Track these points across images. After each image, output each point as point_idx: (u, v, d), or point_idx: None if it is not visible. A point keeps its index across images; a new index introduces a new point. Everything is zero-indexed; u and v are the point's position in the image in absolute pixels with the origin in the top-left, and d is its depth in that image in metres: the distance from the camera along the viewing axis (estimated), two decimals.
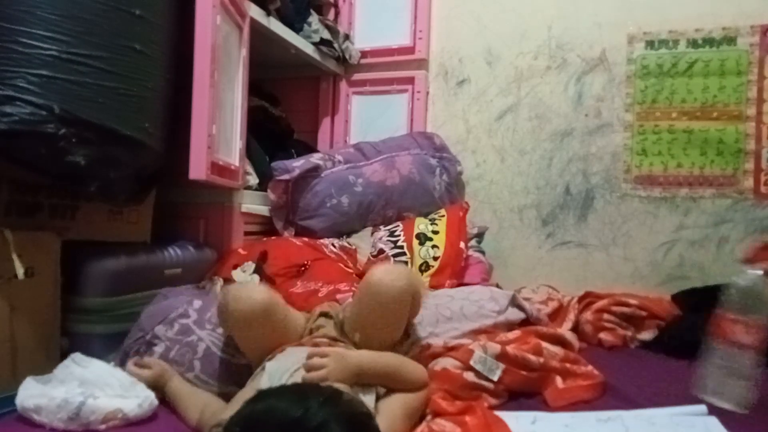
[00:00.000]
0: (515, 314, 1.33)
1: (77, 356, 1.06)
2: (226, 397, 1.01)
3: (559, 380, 1.10)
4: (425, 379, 1.02)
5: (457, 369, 1.07)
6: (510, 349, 1.10)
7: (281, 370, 0.91)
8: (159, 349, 1.16)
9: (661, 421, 0.94)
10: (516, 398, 1.08)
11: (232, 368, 1.11)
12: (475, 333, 1.23)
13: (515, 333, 1.22)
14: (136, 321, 1.24)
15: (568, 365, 1.13)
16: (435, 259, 1.70)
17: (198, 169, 1.35)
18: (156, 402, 0.98)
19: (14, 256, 1.06)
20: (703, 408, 0.98)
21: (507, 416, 0.98)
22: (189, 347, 1.14)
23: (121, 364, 1.14)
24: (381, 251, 1.74)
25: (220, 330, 1.16)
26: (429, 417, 0.98)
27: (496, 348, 1.10)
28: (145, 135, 1.22)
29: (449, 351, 1.14)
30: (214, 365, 1.12)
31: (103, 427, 0.92)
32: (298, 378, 0.88)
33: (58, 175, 1.13)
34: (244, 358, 1.10)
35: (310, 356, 0.92)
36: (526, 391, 1.09)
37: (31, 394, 0.95)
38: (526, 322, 1.35)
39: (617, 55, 1.95)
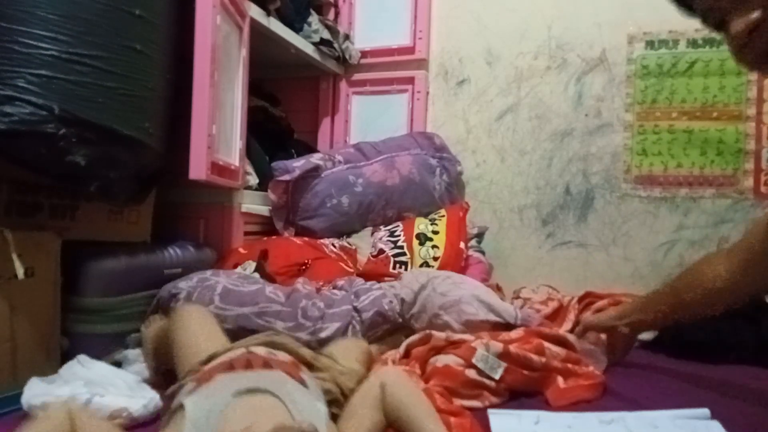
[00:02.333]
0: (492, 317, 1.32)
1: (82, 358, 1.05)
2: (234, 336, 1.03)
3: (560, 380, 1.10)
4: None
5: (459, 366, 1.07)
6: (512, 348, 1.10)
7: (204, 410, 0.68)
8: (182, 295, 1.24)
9: (663, 424, 0.93)
10: (517, 397, 1.08)
11: (245, 297, 1.25)
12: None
13: (518, 332, 1.22)
14: (136, 321, 1.26)
15: (569, 365, 1.13)
16: (435, 259, 1.70)
17: (198, 169, 1.35)
18: (160, 403, 0.98)
19: (14, 256, 1.06)
20: (706, 412, 0.97)
21: (509, 415, 0.98)
22: (209, 289, 1.25)
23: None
24: (381, 251, 1.74)
25: (234, 276, 1.31)
26: None
27: (498, 346, 1.10)
28: (145, 135, 1.22)
29: (451, 345, 1.14)
30: (230, 297, 1.24)
31: None
32: (230, 422, 0.65)
33: (58, 175, 1.13)
34: (255, 285, 1.28)
35: None
36: (527, 390, 1.09)
37: (37, 392, 0.95)
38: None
39: (617, 55, 1.95)
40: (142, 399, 0.95)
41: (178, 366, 0.93)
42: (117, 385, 0.96)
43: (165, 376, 1.05)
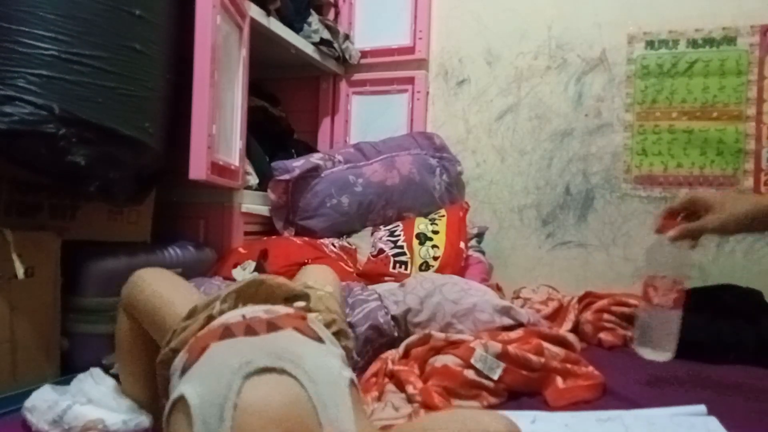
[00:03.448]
0: (507, 321, 1.33)
1: (95, 372, 1.02)
2: None
3: (559, 380, 1.10)
4: None
5: (457, 366, 1.07)
6: (511, 348, 1.10)
7: (213, 403, 0.57)
8: None
9: (660, 421, 0.93)
10: (516, 398, 1.08)
11: None
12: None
13: (517, 333, 1.22)
14: None
15: (569, 366, 1.13)
16: (435, 259, 1.70)
17: (198, 169, 1.35)
18: (146, 425, 0.92)
19: (14, 256, 1.06)
20: (702, 408, 0.98)
21: (509, 416, 0.98)
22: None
23: None
24: (381, 251, 1.74)
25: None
26: (417, 406, 0.98)
27: (497, 347, 1.10)
28: (145, 135, 1.22)
29: (450, 345, 1.14)
30: None
31: None
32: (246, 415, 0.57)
33: (58, 175, 1.13)
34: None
35: None
36: (526, 390, 1.09)
37: (37, 396, 0.94)
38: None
39: (617, 55, 1.95)
40: (125, 415, 0.91)
41: (157, 334, 0.82)
42: (112, 407, 0.93)
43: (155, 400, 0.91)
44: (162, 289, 0.86)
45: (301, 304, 0.80)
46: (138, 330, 0.89)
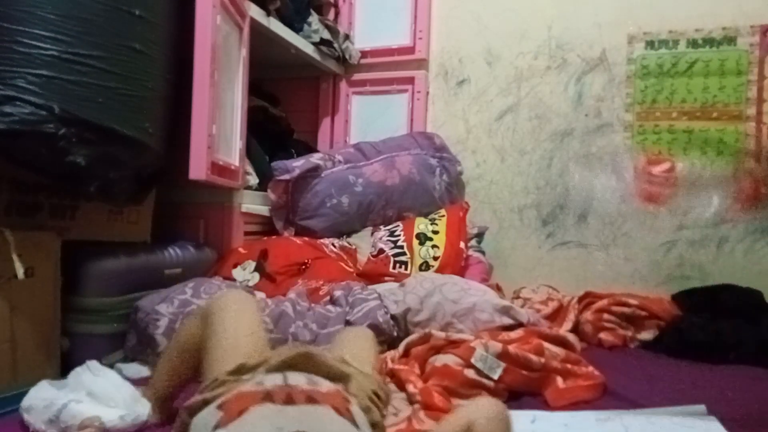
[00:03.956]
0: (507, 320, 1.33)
1: (92, 364, 1.02)
2: None
3: (559, 380, 1.10)
4: None
5: (458, 366, 1.07)
6: (512, 348, 1.10)
7: None
8: (162, 323, 1.18)
9: (660, 421, 0.94)
10: (516, 398, 1.08)
11: None
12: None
13: (518, 333, 1.23)
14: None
15: (569, 366, 1.13)
16: (435, 259, 1.70)
17: (198, 169, 1.35)
18: (143, 419, 0.92)
19: (14, 256, 1.06)
20: (702, 408, 0.98)
21: None
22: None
23: (131, 357, 1.19)
24: (381, 251, 1.74)
25: (216, 296, 1.20)
26: (417, 407, 0.98)
27: (497, 347, 1.10)
28: (145, 135, 1.22)
29: (450, 345, 1.14)
30: None
31: None
32: None
33: (58, 175, 1.13)
34: None
35: None
36: (526, 390, 1.09)
37: (33, 395, 0.94)
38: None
39: (617, 55, 1.95)
40: (122, 411, 0.91)
41: (206, 368, 0.82)
42: (114, 398, 0.93)
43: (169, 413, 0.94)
44: (234, 326, 0.84)
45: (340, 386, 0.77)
46: (201, 340, 0.87)
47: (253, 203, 1.72)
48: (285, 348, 0.81)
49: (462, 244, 1.75)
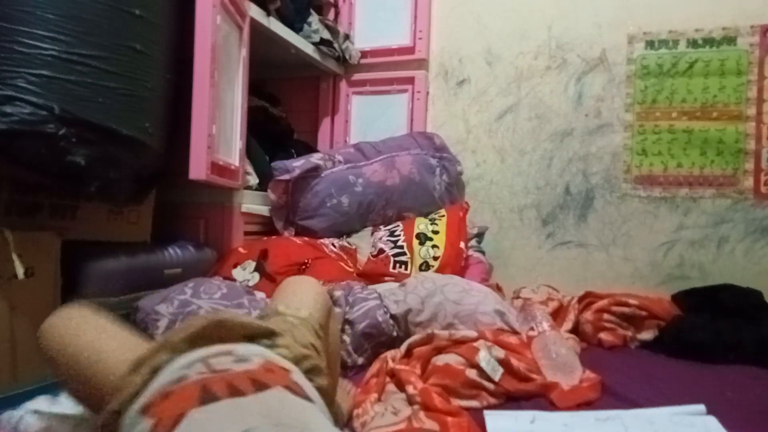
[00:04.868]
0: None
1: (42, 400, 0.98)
2: None
3: (563, 382, 1.10)
4: None
5: (460, 365, 1.07)
6: (513, 361, 1.10)
7: None
8: (162, 323, 1.18)
9: (660, 421, 0.94)
10: (516, 399, 1.07)
11: None
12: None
13: (517, 338, 1.23)
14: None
15: None
16: (435, 258, 1.70)
17: (198, 169, 1.35)
18: None
19: (14, 256, 1.06)
20: (701, 408, 0.98)
21: (505, 415, 0.98)
22: (191, 315, 1.19)
23: None
24: (381, 251, 1.74)
25: (216, 296, 1.22)
26: (417, 407, 0.98)
27: (500, 353, 1.11)
28: (145, 135, 1.23)
29: (454, 345, 1.14)
30: None
31: None
32: None
33: (58, 175, 1.13)
34: (240, 310, 1.15)
35: None
36: (524, 397, 1.09)
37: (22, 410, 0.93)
38: None
39: (617, 55, 1.95)
40: (76, 425, 0.86)
41: (90, 394, 0.67)
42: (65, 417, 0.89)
43: None
44: (91, 336, 0.69)
45: (266, 343, 0.69)
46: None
47: (253, 203, 1.72)
48: (187, 323, 0.69)
49: (462, 244, 1.75)
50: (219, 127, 1.43)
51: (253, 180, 1.75)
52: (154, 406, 0.55)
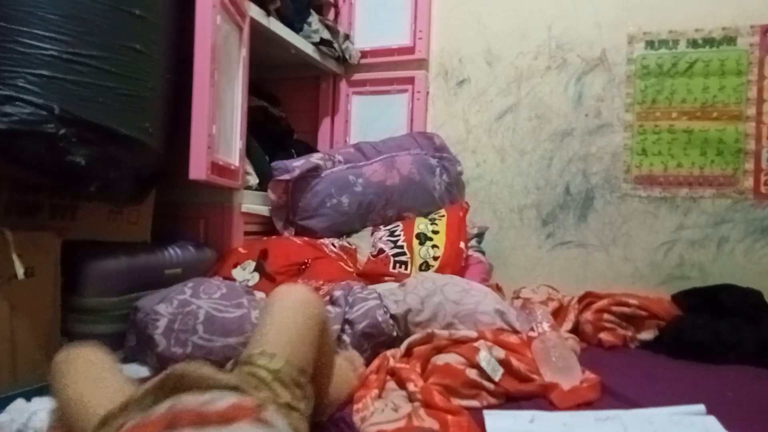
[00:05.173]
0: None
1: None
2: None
3: (563, 384, 1.10)
4: None
5: (460, 365, 1.07)
6: (514, 361, 1.10)
7: None
8: (162, 323, 1.18)
9: (659, 420, 0.94)
10: (516, 399, 1.07)
11: (230, 325, 1.19)
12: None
13: (517, 338, 1.23)
14: None
15: None
16: (435, 258, 1.70)
17: (198, 169, 1.35)
18: None
19: (14, 256, 1.06)
20: (701, 408, 0.98)
21: (505, 415, 0.98)
22: (191, 315, 1.18)
23: (130, 358, 1.18)
24: (381, 251, 1.74)
25: (216, 296, 1.22)
26: (417, 404, 0.98)
27: (501, 353, 1.11)
28: (145, 135, 1.23)
29: (454, 344, 1.14)
30: (214, 326, 1.18)
31: None
32: None
33: (58, 175, 1.13)
34: (239, 310, 1.18)
35: None
36: (524, 398, 1.09)
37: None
38: None
39: (617, 55, 1.95)
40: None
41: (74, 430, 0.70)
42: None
43: None
44: (79, 381, 0.72)
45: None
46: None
47: (253, 203, 1.72)
48: (154, 378, 0.69)
49: (462, 244, 1.75)
50: (219, 127, 1.43)
51: (253, 180, 1.75)
52: None
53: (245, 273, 1.53)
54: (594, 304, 1.59)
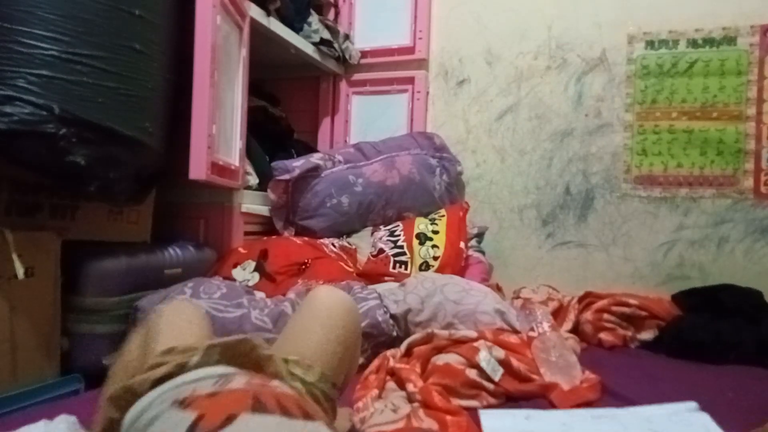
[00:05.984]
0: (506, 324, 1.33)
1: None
2: None
3: (563, 384, 1.10)
4: None
5: (460, 365, 1.07)
6: (514, 361, 1.10)
7: None
8: None
9: (657, 419, 0.94)
10: (516, 400, 1.08)
11: (230, 325, 1.20)
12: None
13: (517, 338, 1.23)
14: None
15: None
16: (435, 258, 1.70)
17: (198, 169, 1.35)
18: None
19: (14, 256, 1.06)
20: (693, 404, 0.98)
21: (502, 413, 0.98)
22: None
23: None
24: (381, 251, 1.74)
25: (216, 296, 1.23)
26: (417, 405, 0.98)
27: (500, 353, 1.11)
28: (145, 135, 1.23)
29: (454, 344, 1.14)
30: (214, 326, 1.15)
31: None
32: None
33: (58, 175, 1.13)
34: (239, 310, 1.19)
35: None
36: (523, 397, 1.09)
37: None
38: None
39: (617, 55, 1.95)
40: None
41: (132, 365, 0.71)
42: None
43: None
44: (174, 317, 0.76)
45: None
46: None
47: (253, 203, 1.72)
48: (227, 338, 0.69)
49: (462, 244, 1.75)
50: (219, 127, 1.43)
51: (253, 180, 1.75)
52: (194, 401, 0.54)
53: (245, 273, 1.53)
54: (594, 304, 1.59)
